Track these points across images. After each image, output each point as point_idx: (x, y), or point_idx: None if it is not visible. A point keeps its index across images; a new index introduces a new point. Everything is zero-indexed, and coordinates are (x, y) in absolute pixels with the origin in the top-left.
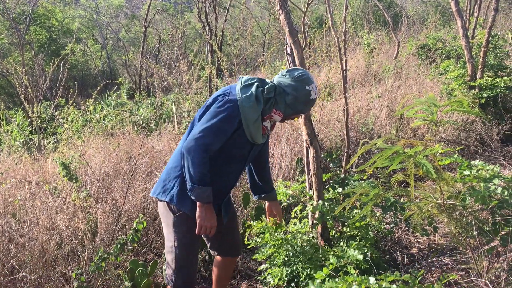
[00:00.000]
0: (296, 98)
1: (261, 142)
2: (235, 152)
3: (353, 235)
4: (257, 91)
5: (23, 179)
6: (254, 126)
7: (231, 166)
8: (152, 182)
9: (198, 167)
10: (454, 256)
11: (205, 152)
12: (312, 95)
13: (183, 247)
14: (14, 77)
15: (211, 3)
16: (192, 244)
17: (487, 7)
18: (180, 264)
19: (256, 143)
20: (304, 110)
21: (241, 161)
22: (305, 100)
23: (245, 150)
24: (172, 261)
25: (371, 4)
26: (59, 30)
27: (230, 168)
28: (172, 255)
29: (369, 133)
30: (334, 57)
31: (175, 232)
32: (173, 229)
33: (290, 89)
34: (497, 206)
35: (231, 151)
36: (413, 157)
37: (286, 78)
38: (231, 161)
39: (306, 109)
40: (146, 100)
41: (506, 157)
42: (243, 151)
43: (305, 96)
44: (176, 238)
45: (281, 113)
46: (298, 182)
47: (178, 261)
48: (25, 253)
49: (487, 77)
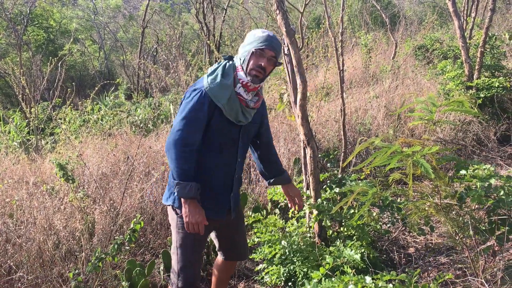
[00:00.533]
0: (242, 45)
1: (246, 121)
2: (223, 139)
3: (350, 234)
4: (222, 68)
5: (20, 180)
6: (229, 104)
7: (224, 156)
8: (149, 182)
9: (176, 162)
10: (450, 256)
11: (183, 146)
12: (259, 33)
13: (186, 248)
14: (12, 78)
15: (209, 3)
16: (195, 245)
17: (484, 8)
18: (182, 265)
19: (242, 123)
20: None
21: (233, 147)
22: (252, 40)
23: (232, 135)
24: (175, 261)
25: (369, 5)
26: (57, 30)
27: (224, 157)
28: (175, 256)
29: (366, 133)
30: (331, 58)
31: (178, 232)
32: (176, 230)
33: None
34: (494, 205)
35: (218, 140)
36: (411, 156)
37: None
38: (223, 150)
39: (256, 44)
40: (144, 101)
41: (503, 157)
42: (231, 135)
43: (250, 37)
44: (178, 239)
45: (239, 67)
46: (296, 182)
47: (180, 262)
48: (22, 253)
49: (484, 78)
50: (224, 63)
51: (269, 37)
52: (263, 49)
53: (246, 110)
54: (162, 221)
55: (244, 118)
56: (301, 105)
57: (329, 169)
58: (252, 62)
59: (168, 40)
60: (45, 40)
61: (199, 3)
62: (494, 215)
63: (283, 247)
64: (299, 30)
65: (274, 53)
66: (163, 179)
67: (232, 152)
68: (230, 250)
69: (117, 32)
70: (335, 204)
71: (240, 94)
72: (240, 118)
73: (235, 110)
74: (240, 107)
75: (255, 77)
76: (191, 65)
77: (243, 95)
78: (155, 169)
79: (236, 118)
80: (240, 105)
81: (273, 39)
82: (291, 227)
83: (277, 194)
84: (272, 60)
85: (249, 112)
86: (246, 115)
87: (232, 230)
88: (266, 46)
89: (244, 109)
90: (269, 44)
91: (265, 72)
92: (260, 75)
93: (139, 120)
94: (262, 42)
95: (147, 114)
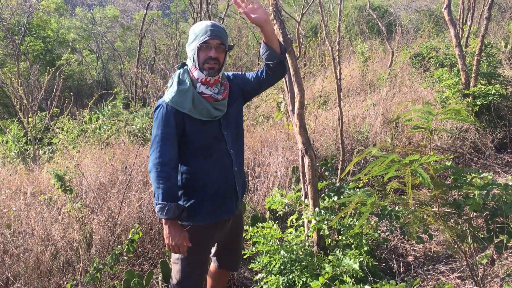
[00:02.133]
0: (188, 44)
1: (221, 113)
2: (205, 141)
3: (349, 243)
4: (176, 77)
5: (18, 190)
6: (195, 106)
7: (214, 155)
8: (147, 192)
9: (156, 183)
10: (449, 264)
11: (160, 166)
12: (197, 27)
13: (187, 259)
14: (9, 88)
15: (206, 13)
16: (198, 256)
17: (479, 16)
18: (183, 276)
19: (218, 116)
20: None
21: (219, 143)
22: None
23: (213, 132)
24: (177, 272)
25: (365, 14)
26: (55, 40)
27: (215, 156)
28: (177, 266)
29: (364, 142)
30: (328, 66)
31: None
32: None
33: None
34: (492, 213)
35: (202, 143)
36: (409, 165)
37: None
38: (210, 150)
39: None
40: (142, 110)
41: (501, 164)
42: (212, 133)
43: (191, 34)
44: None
45: (192, 67)
46: (294, 190)
47: (182, 272)
48: (20, 264)
49: (481, 85)
50: (178, 72)
51: (208, 27)
52: (206, 40)
53: (215, 104)
54: (160, 231)
55: (218, 112)
56: (299, 114)
57: (327, 177)
58: (201, 57)
59: (165, 49)
60: (43, 50)
61: (197, 12)
62: (492, 223)
63: (283, 256)
64: (296, 39)
65: (220, 40)
66: None
67: (221, 148)
68: (224, 257)
69: (114, 41)
70: (333, 212)
71: (203, 92)
72: (214, 114)
73: (205, 109)
74: (208, 104)
75: (211, 70)
76: None
77: (206, 92)
78: None
79: (209, 116)
80: (207, 103)
81: (213, 27)
82: (289, 236)
83: (275, 203)
84: (220, 47)
85: (220, 103)
86: (218, 108)
87: (232, 237)
88: (209, 36)
89: (213, 104)
90: (211, 33)
91: (219, 61)
92: (215, 66)
93: (137, 129)
94: (203, 34)
95: (145, 123)
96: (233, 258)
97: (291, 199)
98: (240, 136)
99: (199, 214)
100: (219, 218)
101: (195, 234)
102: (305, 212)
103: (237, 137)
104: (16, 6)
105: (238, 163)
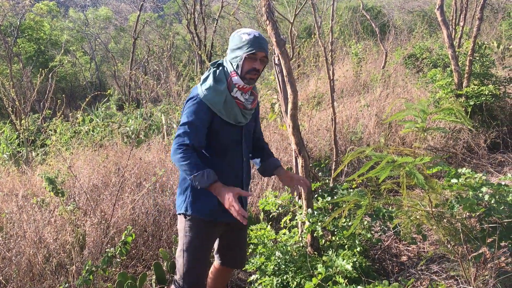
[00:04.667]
0: (231, 49)
1: (245, 121)
2: (226, 142)
3: (342, 244)
4: (213, 74)
5: (10, 192)
6: (226, 107)
7: (230, 157)
8: (141, 193)
9: (182, 161)
10: (443, 264)
11: (185, 146)
12: (246, 36)
13: (191, 251)
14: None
15: (200, 14)
16: (201, 249)
17: (472, 17)
18: (187, 268)
19: (242, 123)
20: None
21: (237, 147)
22: (240, 44)
23: (234, 136)
24: (181, 264)
25: (359, 14)
26: (47, 42)
27: (230, 159)
28: (181, 259)
29: (358, 142)
30: (322, 67)
31: (185, 236)
32: (184, 233)
33: (228, 49)
34: (485, 213)
35: (223, 143)
36: (403, 166)
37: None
38: (228, 152)
39: (246, 50)
40: (136, 111)
41: (493, 164)
42: (233, 137)
43: (237, 40)
44: (185, 242)
45: (233, 72)
46: (288, 191)
47: (185, 265)
48: (12, 267)
49: (474, 86)
50: (214, 70)
51: (256, 39)
52: (254, 52)
53: (244, 111)
54: (154, 233)
55: (244, 119)
56: (292, 115)
57: (321, 178)
58: (246, 66)
59: (158, 51)
60: (36, 52)
61: (190, 13)
62: (485, 223)
63: (277, 257)
64: (290, 40)
65: (265, 53)
66: (154, 190)
67: (237, 153)
68: (227, 254)
69: (108, 43)
70: (327, 213)
71: (238, 98)
72: (240, 120)
73: (233, 113)
74: (238, 110)
75: (251, 80)
76: (182, 75)
77: (241, 98)
78: (146, 180)
79: (235, 120)
80: (238, 109)
81: (260, 40)
82: (283, 237)
83: (269, 204)
84: (264, 60)
85: (247, 113)
86: (245, 116)
87: (235, 234)
88: (257, 49)
89: (243, 111)
90: (259, 46)
91: (259, 72)
92: (255, 77)
93: (131, 131)
94: (252, 45)
95: (139, 124)
96: (236, 255)
97: (284, 200)
98: (250, 150)
99: (204, 208)
100: (222, 218)
101: (198, 227)
102: (298, 214)
103: (248, 149)
104: (9, 7)
105: (247, 170)
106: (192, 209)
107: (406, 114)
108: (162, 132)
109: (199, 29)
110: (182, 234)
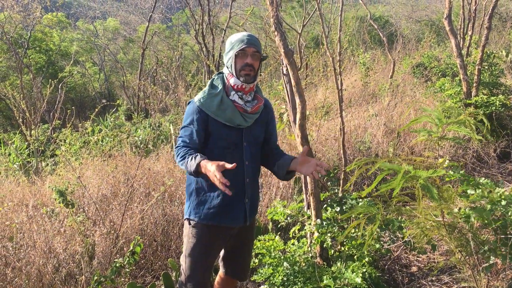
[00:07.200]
0: (225, 54)
1: (246, 124)
2: (223, 144)
3: (352, 254)
4: (210, 81)
5: (20, 203)
6: (220, 110)
7: (228, 160)
8: (149, 203)
9: (179, 158)
10: (453, 274)
11: (183, 147)
12: (235, 37)
13: (194, 257)
14: (12, 101)
15: (208, 25)
16: (203, 255)
17: (480, 26)
18: (189, 273)
19: (242, 126)
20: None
21: (236, 150)
22: (230, 46)
23: (233, 139)
24: (183, 270)
25: (366, 24)
26: (57, 53)
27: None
28: (184, 264)
29: (366, 152)
30: (330, 77)
31: (189, 241)
32: (187, 239)
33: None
34: (501, 225)
35: (220, 145)
36: (416, 178)
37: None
38: (226, 155)
39: (236, 47)
40: (144, 121)
41: (503, 173)
42: (231, 139)
43: (228, 44)
44: (188, 247)
45: (229, 74)
46: (296, 201)
47: (187, 270)
48: (22, 277)
49: (483, 95)
50: (213, 77)
51: (244, 36)
52: (243, 48)
53: (245, 115)
54: (162, 243)
55: (244, 122)
56: (300, 125)
57: (330, 188)
58: (239, 64)
59: (167, 61)
60: (46, 63)
61: (198, 24)
62: (499, 234)
63: (286, 268)
64: (298, 50)
65: (255, 48)
66: (163, 200)
67: (237, 156)
68: (231, 263)
69: (117, 53)
70: (336, 223)
71: (235, 101)
72: (238, 122)
73: (229, 115)
74: (237, 112)
75: (247, 76)
76: (191, 85)
77: (239, 101)
78: (155, 190)
79: (232, 122)
80: (237, 111)
81: (249, 37)
82: (292, 248)
83: (277, 213)
84: (255, 55)
85: (249, 116)
86: (246, 119)
87: (240, 243)
88: (245, 44)
89: (243, 114)
90: (248, 42)
91: (254, 68)
92: (251, 73)
93: (139, 140)
94: (240, 43)
95: (147, 134)
96: (239, 266)
97: (293, 210)
98: (257, 155)
99: (204, 213)
100: (223, 223)
101: (201, 233)
102: (307, 224)
103: (255, 153)
104: (19, 20)
105: (251, 175)
106: (195, 214)
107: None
108: (171, 142)
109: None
110: (186, 240)
